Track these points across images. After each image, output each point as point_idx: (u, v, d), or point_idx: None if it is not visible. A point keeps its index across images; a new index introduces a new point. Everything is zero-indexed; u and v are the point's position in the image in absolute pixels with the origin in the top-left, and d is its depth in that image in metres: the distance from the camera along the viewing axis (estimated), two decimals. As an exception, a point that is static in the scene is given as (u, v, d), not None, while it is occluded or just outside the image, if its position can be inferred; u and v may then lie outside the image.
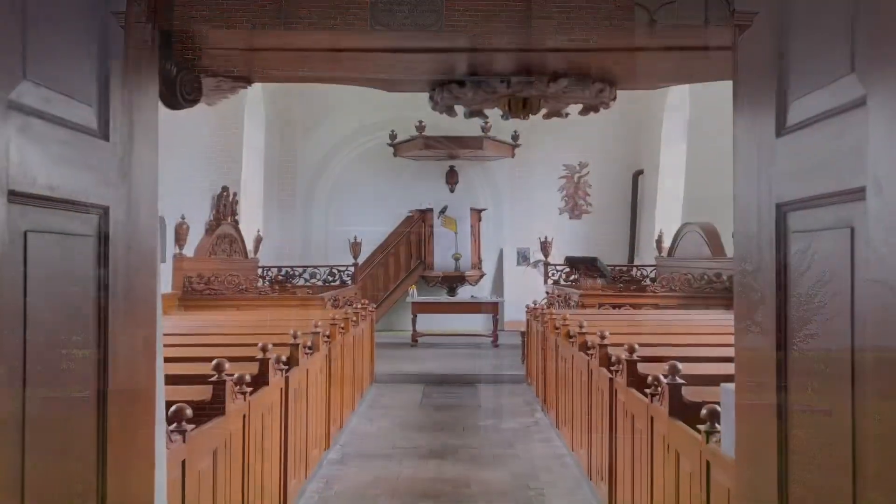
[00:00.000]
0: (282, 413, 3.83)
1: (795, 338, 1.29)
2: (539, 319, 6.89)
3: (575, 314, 6.57)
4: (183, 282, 8.03)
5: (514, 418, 6.45)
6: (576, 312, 7.14)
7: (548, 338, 6.30)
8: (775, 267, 1.31)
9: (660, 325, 5.82)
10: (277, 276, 10.85)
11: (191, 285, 8.08)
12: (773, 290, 1.33)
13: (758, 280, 1.39)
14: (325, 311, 7.45)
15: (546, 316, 6.42)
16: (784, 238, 1.29)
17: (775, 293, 1.33)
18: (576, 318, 5.70)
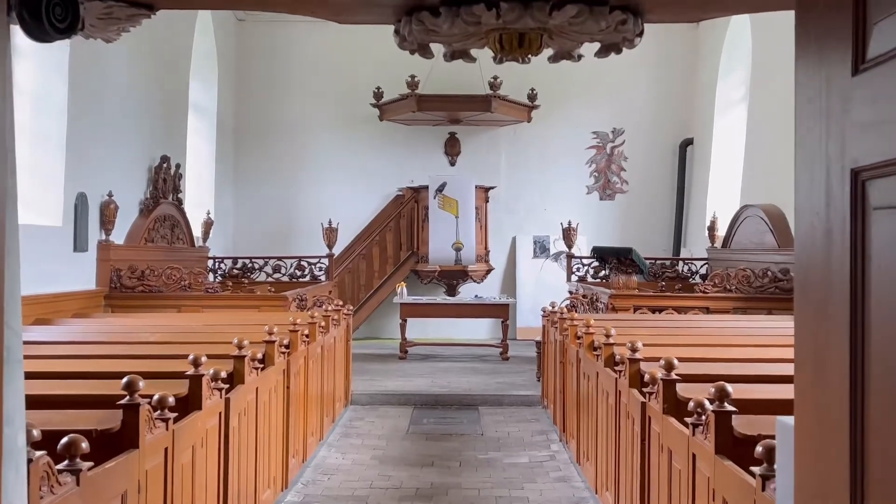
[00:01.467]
0: (220, 445, 3.73)
1: (878, 356, 1.16)
2: (558, 326, 6.79)
3: (602, 320, 6.52)
4: (110, 276, 7.99)
5: (524, 451, 6.40)
6: (604, 318, 7.11)
7: (567, 349, 6.22)
8: (849, 257, 1.18)
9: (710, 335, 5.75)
10: (232, 269, 10.87)
11: (120, 280, 8.03)
12: (845, 291, 1.20)
13: (825, 276, 1.26)
14: (288, 314, 7.40)
15: (566, 322, 6.32)
16: (862, 216, 1.16)
17: (849, 295, 1.20)
18: (603, 324, 5.61)
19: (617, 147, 13.06)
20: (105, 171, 8.01)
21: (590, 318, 5.68)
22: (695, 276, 10.86)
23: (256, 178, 12.92)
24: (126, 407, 2.83)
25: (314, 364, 6.02)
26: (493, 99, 11.41)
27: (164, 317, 7.14)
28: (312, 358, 5.93)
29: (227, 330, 5.76)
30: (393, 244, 12.26)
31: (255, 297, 8.38)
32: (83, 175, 7.52)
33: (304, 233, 12.49)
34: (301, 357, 5.52)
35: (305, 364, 5.68)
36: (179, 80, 10.38)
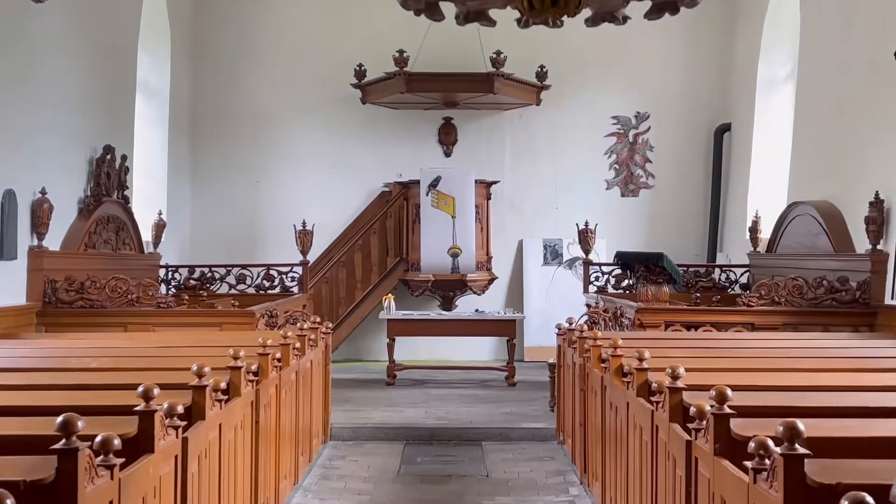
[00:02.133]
0: (177, 495, 3.61)
1: None
2: (576, 346, 6.71)
3: (631, 339, 6.44)
4: (43, 288, 7.90)
5: (538, 495, 6.32)
6: (632, 336, 7.03)
7: (590, 375, 6.15)
8: None
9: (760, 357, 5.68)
10: (188, 280, 10.85)
11: (55, 294, 7.95)
12: None
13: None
14: (256, 333, 7.32)
15: (587, 341, 6.23)
16: None
17: None
18: (632, 344, 5.53)
19: (641, 134, 13.02)
20: (36, 165, 7.89)
21: (617, 336, 5.57)
22: (734, 285, 10.86)
23: (217, 172, 12.85)
24: (62, 452, 2.71)
25: (287, 393, 5.92)
26: (496, 78, 11.37)
27: (109, 337, 7.06)
28: (285, 386, 5.83)
29: (184, 353, 5.67)
30: (378, 249, 12.22)
31: (217, 313, 8.30)
32: (9, 169, 7.40)
33: (274, 236, 12.44)
34: (272, 385, 5.42)
35: (277, 394, 5.58)
36: (125, 55, 10.29)
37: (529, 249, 12.94)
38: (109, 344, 6.42)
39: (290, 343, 5.97)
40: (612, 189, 13.03)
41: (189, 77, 12.68)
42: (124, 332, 7.64)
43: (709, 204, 12.85)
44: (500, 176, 12.69)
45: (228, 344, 5.71)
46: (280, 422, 5.67)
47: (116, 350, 5.99)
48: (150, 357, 5.61)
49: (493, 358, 12.46)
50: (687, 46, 12.85)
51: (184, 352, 5.78)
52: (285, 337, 5.97)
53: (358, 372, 11.49)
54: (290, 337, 6.05)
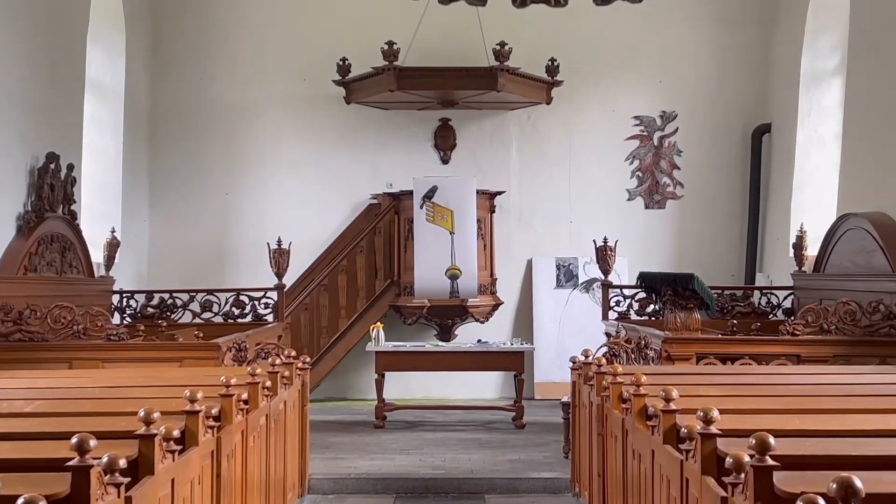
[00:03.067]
0: (119, 564, 3.47)
1: None
2: (594, 383, 6.63)
3: (656, 374, 6.36)
4: (-25, 319, 7.76)
5: (550, 558, 6.20)
6: (659, 371, 6.96)
7: (609, 416, 6.06)
8: None
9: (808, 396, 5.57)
10: (145, 307, 10.79)
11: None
12: None
13: None
14: (222, 370, 7.23)
15: (606, 377, 6.15)
16: None
17: None
18: (658, 381, 5.43)
19: (667, 137, 13.00)
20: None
21: (640, 372, 5.47)
22: (776, 310, 10.80)
23: (180, 183, 12.83)
24: None
25: (256, 440, 5.81)
26: (501, 73, 11.33)
27: (50, 375, 6.88)
28: (253, 432, 5.71)
29: (135, 395, 5.55)
30: (365, 271, 12.18)
31: (177, 346, 8.17)
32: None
33: (246, 257, 12.46)
34: (237, 431, 5.30)
35: (244, 441, 5.46)
36: (72, 49, 10.25)
37: (540, 270, 12.89)
38: (50, 383, 6.29)
39: (259, 382, 5.85)
40: (635, 200, 13.00)
41: (147, 75, 12.66)
42: (69, 370, 7.53)
43: (746, 217, 12.82)
44: (505, 185, 12.65)
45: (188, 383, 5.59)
46: (247, 474, 5.54)
47: (57, 391, 5.87)
48: (95, 399, 5.49)
49: (498, 396, 12.44)
50: (719, 35, 12.85)
51: (135, 392, 5.66)
52: (253, 374, 5.85)
53: (342, 413, 11.43)
54: (260, 374, 5.93)
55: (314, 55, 12.51)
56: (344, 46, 12.03)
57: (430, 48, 11.66)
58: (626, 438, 5.48)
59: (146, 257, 12.65)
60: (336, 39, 12.28)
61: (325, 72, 12.06)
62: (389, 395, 10.74)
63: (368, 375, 11.24)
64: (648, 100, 13.00)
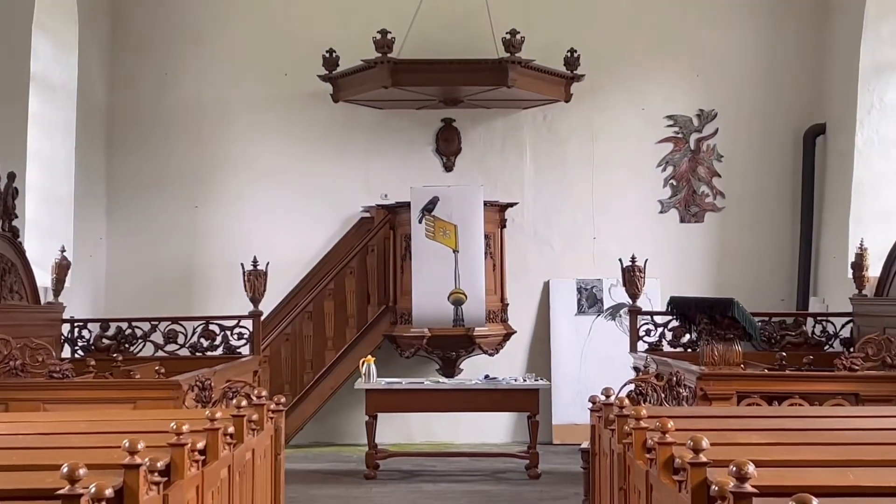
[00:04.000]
0: None
1: None
2: (615, 428, 6.46)
3: (687, 417, 6.25)
4: None
5: None
6: (691, 413, 6.87)
7: (631, 467, 5.88)
8: None
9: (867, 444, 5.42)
10: (100, 339, 10.68)
11: (-88, 361, 7.71)
12: None
13: None
14: (181, 413, 7.14)
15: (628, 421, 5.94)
16: None
17: None
18: (690, 424, 5.37)
19: (706, 139, 12.95)
20: None
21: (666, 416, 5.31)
22: (832, 341, 10.66)
23: (142, 195, 12.82)
24: None
25: (216, 498, 5.64)
26: (511, 65, 11.24)
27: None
28: (212, 487, 5.55)
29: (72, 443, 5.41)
30: (356, 295, 12.17)
31: (129, 385, 8.07)
32: None
33: (216, 280, 12.47)
34: (191, 487, 5.13)
35: (199, 498, 5.29)
36: (13, 39, 10.24)
37: (558, 294, 12.84)
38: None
39: (219, 429, 5.68)
40: (669, 212, 12.94)
41: (103, 71, 12.65)
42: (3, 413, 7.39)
43: (798, 232, 12.74)
44: (517, 196, 12.62)
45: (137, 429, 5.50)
46: (205, 539, 5.39)
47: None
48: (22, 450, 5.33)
49: (509, 440, 12.40)
50: (766, 22, 12.84)
51: (72, 441, 5.52)
52: (212, 419, 5.69)
53: (328, 461, 11.39)
54: (220, 419, 5.77)
55: (296, 46, 12.51)
56: (331, 36, 12.00)
57: (431, 37, 11.64)
58: (650, 494, 5.31)
59: (102, 280, 12.61)
60: (322, 28, 12.30)
61: (309, 66, 12.01)
62: (383, 439, 10.74)
63: (359, 417, 11.14)
64: (684, 97, 12.95)
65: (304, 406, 11.60)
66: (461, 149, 12.92)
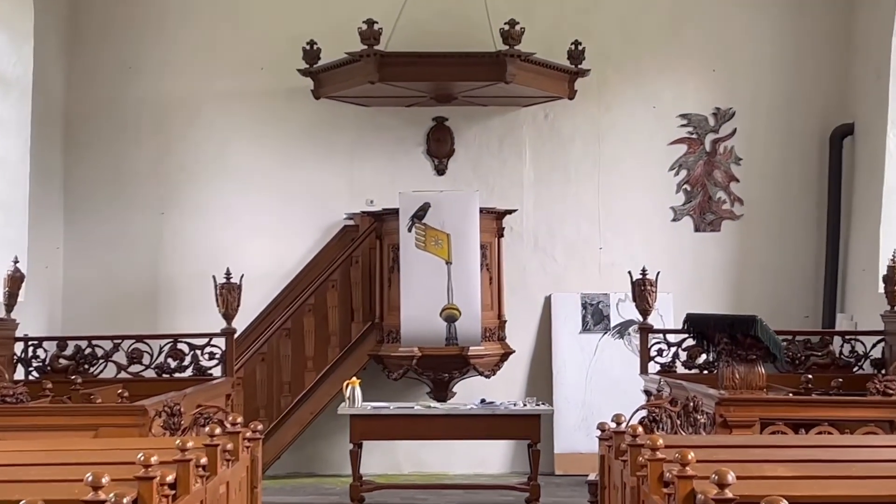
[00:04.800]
0: None
1: None
2: (626, 459, 6.44)
3: (709, 447, 6.21)
4: None
5: None
6: (711, 443, 6.79)
7: (647, 502, 5.85)
8: None
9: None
10: (57, 359, 10.64)
11: None
12: None
13: None
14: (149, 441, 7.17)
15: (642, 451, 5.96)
16: None
17: None
18: (710, 455, 5.32)
19: (723, 141, 12.96)
20: None
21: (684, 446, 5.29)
22: (863, 361, 10.67)
23: (103, 201, 12.79)
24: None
25: (186, 536, 5.58)
26: (510, 59, 11.22)
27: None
28: (182, 525, 5.49)
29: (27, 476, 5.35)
30: (339, 311, 12.16)
31: (89, 411, 8.05)
32: None
33: (185, 294, 12.46)
34: (158, 525, 5.08)
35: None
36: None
37: (561, 310, 12.83)
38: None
39: (191, 459, 5.64)
40: (682, 220, 12.93)
41: (61, 64, 12.63)
42: (-50, 441, 7.35)
43: (824, 242, 12.72)
44: (516, 203, 12.62)
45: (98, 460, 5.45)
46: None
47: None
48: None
49: (508, 471, 12.37)
50: (788, 13, 12.85)
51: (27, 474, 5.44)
52: (183, 449, 5.65)
53: (308, 493, 11.37)
54: (192, 449, 5.73)
55: (274, 37, 12.51)
56: (312, 26, 11.99)
57: (421, 28, 11.65)
58: (667, 532, 5.31)
59: (59, 294, 12.57)
60: (302, 17, 12.28)
61: (287, 59, 12.02)
62: (369, 470, 10.76)
63: (342, 445, 11.14)
64: (699, 94, 12.95)
65: (281, 433, 11.56)
66: (454, 150, 12.91)
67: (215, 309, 10.74)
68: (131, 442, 7.02)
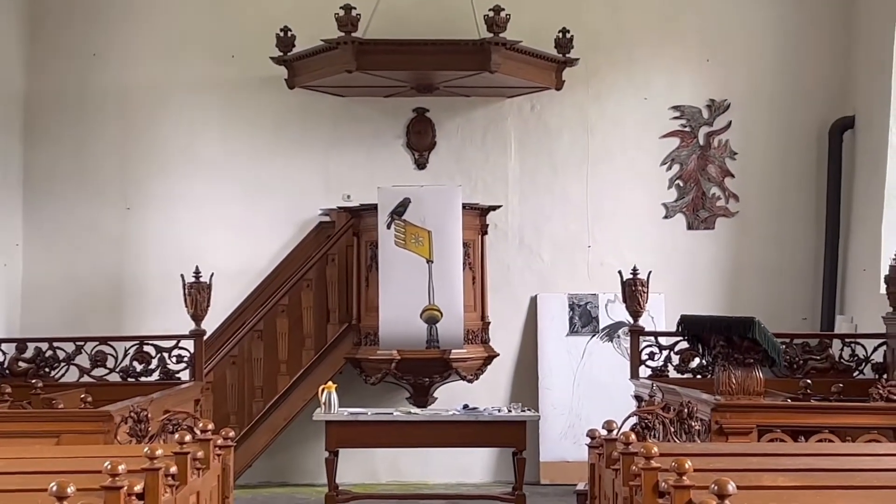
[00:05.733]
0: None
1: None
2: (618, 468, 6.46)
3: (704, 455, 6.20)
4: None
5: None
6: (707, 451, 6.79)
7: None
8: None
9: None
10: (16, 361, 10.66)
11: None
12: None
13: None
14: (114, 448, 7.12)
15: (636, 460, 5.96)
16: None
17: None
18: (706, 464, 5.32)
19: (717, 134, 12.99)
20: None
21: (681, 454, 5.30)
22: (863, 366, 10.72)
23: (65, 195, 12.76)
24: None
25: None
26: (495, 47, 11.23)
27: None
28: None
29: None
30: (314, 312, 12.15)
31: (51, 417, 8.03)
32: None
33: (152, 293, 12.45)
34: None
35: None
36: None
37: (548, 311, 12.85)
38: None
39: (159, 468, 5.62)
40: (674, 217, 12.96)
41: (21, 50, 12.58)
42: None
43: (822, 240, 12.75)
44: (501, 199, 12.62)
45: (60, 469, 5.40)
46: None
47: None
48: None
49: (491, 480, 12.37)
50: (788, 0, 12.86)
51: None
52: (152, 458, 5.62)
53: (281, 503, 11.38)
54: (161, 457, 5.71)
55: (246, 23, 12.51)
56: (286, 12, 12.02)
57: (402, 14, 11.69)
58: (662, 546, 5.31)
59: (18, 293, 12.53)
60: (276, 3, 12.31)
61: (260, 46, 12.00)
62: (345, 479, 10.78)
63: (317, 453, 11.16)
64: (692, 85, 12.97)
65: (252, 440, 11.53)
66: (436, 143, 12.90)
67: (183, 309, 10.78)
68: (96, 449, 6.99)
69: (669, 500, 5.05)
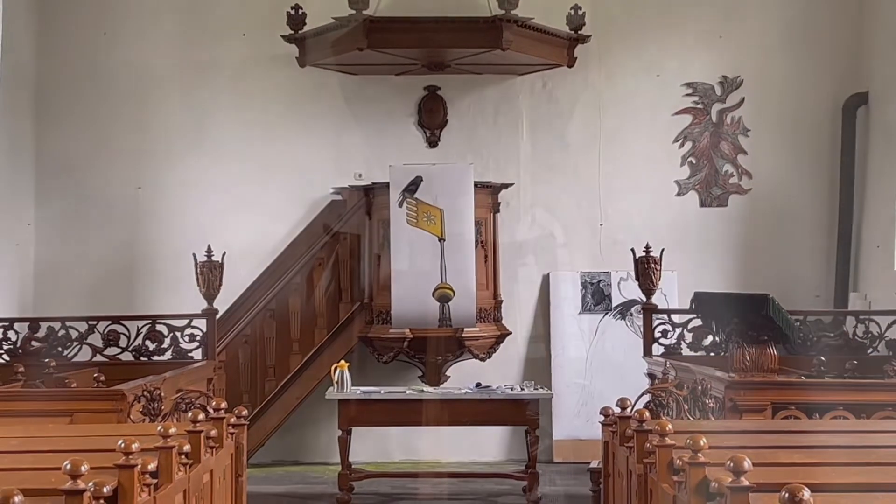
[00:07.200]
0: None
1: None
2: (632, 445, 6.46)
3: (718, 433, 6.21)
4: None
5: None
6: (722, 428, 6.82)
7: (655, 491, 5.86)
8: None
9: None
10: (28, 341, 10.58)
11: None
12: None
13: None
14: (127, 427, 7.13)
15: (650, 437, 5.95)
16: None
17: None
18: (721, 441, 5.32)
19: (730, 111, 12.95)
20: None
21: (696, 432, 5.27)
22: (877, 343, 10.63)
23: (77, 175, 12.77)
24: None
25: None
26: (506, 24, 11.23)
27: None
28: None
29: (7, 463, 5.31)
30: (327, 290, 12.16)
31: (65, 396, 8.03)
32: None
33: (164, 273, 12.46)
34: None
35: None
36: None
37: (560, 289, 12.83)
38: None
39: (173, 446, 5.62)
40: (687, 195, 12.94)
41: (31, 30, 12.57)
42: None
43: (835, 217, 12.73)
44: (513, 177, 12.62)
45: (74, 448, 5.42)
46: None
47: None
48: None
49: (504, 458, 12.39)
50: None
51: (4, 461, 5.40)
52: (166, 436, 5.62)
53: (294, 482, 11.37)
54: (175, 436, 5.70)
55: (257, 2, 12.48)
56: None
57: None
58: (677, 524, 5.30)
59: (30, 273, 12.56)
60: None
61: (271, 24, 11.98)
62: (358, 458, 10.78)
63: (330, 432, 11.18)
64: (705, 61, 12.94)
65: (265, 419, 11.54)
66: (447, 121, 12.87)
67: (196, 288, 10.74)
68: (109, 428, 7.02)
69: (684, 478, 5.04)
